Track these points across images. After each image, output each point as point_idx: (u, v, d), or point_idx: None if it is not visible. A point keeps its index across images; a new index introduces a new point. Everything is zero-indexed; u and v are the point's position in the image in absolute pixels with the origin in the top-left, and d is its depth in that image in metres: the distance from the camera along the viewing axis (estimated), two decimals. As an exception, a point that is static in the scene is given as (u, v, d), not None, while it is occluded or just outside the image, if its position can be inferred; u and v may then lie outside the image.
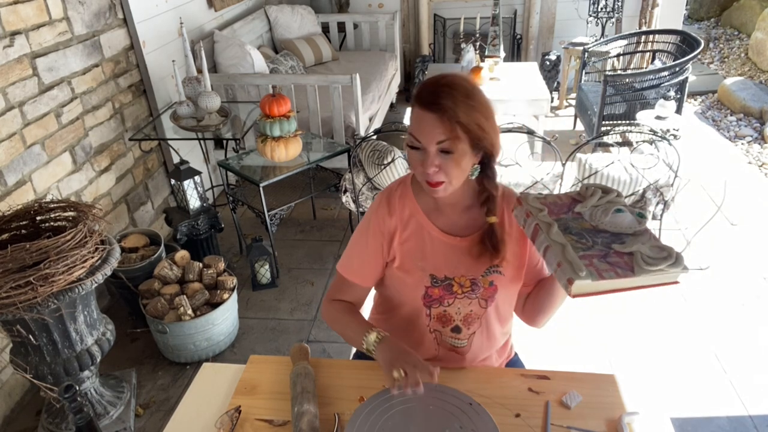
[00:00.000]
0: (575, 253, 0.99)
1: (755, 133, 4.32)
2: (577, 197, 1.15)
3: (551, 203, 1.14)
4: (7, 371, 2.13)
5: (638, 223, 1.05)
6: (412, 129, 1.12)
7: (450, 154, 1.10)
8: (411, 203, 1.25)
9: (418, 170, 1.15)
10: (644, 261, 0.96)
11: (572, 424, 1.09)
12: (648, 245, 0.99)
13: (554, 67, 4.94)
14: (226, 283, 2.43)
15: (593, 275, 0.96)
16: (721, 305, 2.55)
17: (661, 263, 0.95)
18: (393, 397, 1.13)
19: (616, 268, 0.97)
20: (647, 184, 2.57)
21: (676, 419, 1.98)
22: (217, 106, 2.88)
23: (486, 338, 1.28)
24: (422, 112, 1.09)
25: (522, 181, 2.59)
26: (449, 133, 1.07)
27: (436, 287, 1.23)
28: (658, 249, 0.98)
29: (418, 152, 1.12)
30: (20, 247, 1.51)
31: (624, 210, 1.07)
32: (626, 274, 0.96)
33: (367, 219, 1.28)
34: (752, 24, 5.88)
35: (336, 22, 5.10)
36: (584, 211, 1.11)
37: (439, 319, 1.25)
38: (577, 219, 1.10)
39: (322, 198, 3.56)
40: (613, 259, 0.99)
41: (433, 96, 1.08)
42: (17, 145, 2.16)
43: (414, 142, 1.12)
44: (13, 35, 2.12)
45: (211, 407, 1.20)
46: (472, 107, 1.08)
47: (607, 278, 0.96)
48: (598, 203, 1.11)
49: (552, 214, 1.10)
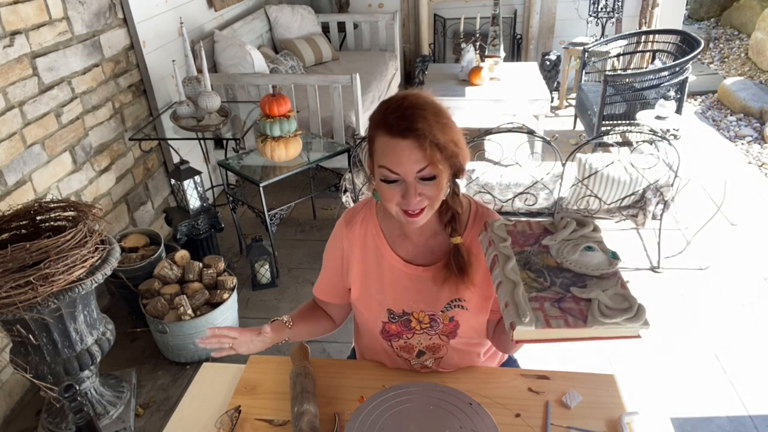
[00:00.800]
0: (526, 294, 0.91)
1: (755, 133, 4.32)
2: (550, 228, 1.06)
3: (519, 232, 1.05)
4: (7, 371, 2.13)
5: (609, 265, 0.96)
6: (385, 160, 1.00)
7: (432, 180, 1.01)
8: (374, 229, 1.19)
9: (396, 201, 1.03)
10: (600, 311, 0.87)
11: (572, 424, 1.09)
12: (611, 292, 0.90)
13: (554, 67, 4.93)
14: (226, 283, 2.43)
15: (539, 322, 0.87)
16: (721, 305, 2.55)
17: (618, 316, 0.86)
18: (393, 397, 1.13)
19: (568, 315, 0.88)
20: (647, 184, 2.57)
21: (676, 419, 1.98)
22: (217, 106, 2.88)
23: (457, 357, 1.25)
24: (394, 141, 0.98)
25: (522, 181, 2.59)
26: (429, 159, 0.97)
27: (394, 323, 1.20)
28: (621, 298, 0.89)
29: (395, 185, 1.02)
30: (20, 247, 1.51)
31: (595, 248, 0.98)
32: (577, 323, 0.87)
33: (331, 242, 1.25)
34: (752, 24, 5.88)
35: (336, 22, 5.10)
36: (552, 244, 1.01)
37: (402, 349, 1.24)
38: (542, 253, 1.00)
39: (322, 198, 3.56)
40: (567, 304, 0.90)
41: (404, 120, 0.97)
42: (17, 145, 2.16)
43: (390, 175, 1.00)
44: (13, 35, 2.12)
45: (211, 407, 1.20)
46: (446, 125, 1.00)
47: (554, 327, 0.87)
48: (570, 237, 1.02)
49: (516, 245, 1.01)
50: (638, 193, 2.61)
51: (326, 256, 1.27)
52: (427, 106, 1.00)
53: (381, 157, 1.02)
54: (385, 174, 1.01)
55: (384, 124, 1.00)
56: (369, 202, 1.23)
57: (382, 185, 1.04)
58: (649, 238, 3.01)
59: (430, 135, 0.96)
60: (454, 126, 1.03)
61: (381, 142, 1.02)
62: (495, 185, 2.60)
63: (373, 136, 1.04)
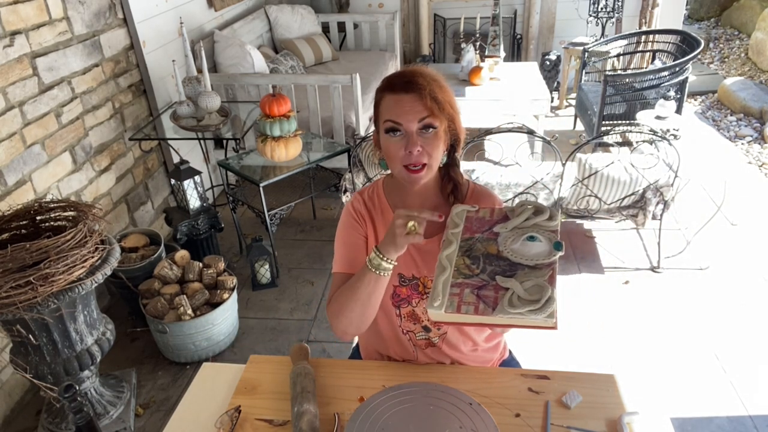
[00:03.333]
0: (449, 280, 0.97)
1: (755, 133, 4.32)
2: (510, 215, 1.09)
3: (478, 219, 1.10)
4: (7, 371, 2.13)
5: (548, 255, 0.99)
6: (390, 114, 1.12)
7: (432, 129, 1.11)
8: (382, 201, 1.28)
9: (398, 155, 1.13)
10: (509, 301, 0.91)
11: (572, 424, 1.09)
12: (529, 284, 0.94)
13: (554, 67, 4.94)
14: (226, 282, 2.43)
15: (451, 307, 0.93)
16: (721, 305, 2.55)
17: (523, 307, 0.90)
18: (393, 397, 1.13)
19: (481, 302, 0.93)
20: (647, 184, 2.57)
21: (676, 419, 1.98)
22: (217, 105, 2.88)
23: (459, 334, 1.28)
24: (398, 96, 1.11)
25: (522, 181, 2.59)
26: (429, 110, 1.09)
27: (404, 286, 1.25)
28: (537, 289, 0.92)
29: (398, 137, 1.12)
30: (20, 247, 1.51)
31: (538, 238, 1.01)
32: (486, 311, 0.91)
33: (344, 216, 1.30)
34: (752, 24, 5.88)
35: (336, 22, 5.10)
36: (503, 232, 1.05)
37: (409, 318, 1.28)
38: (488, 240, 1.04)
39: (322, 198, 3.56)
40: (486, 292, 0.95)
41: (405, 78, 1.12)
42: (17, 145, 2.16)
43: (394, 125, 1.12)
44: (13, 35, 2.12)
45: (211, 407, 1.20)
46: (443, 88, 1.14)
47: (463, 312, 0.92)
48: (523, 225, 1.05)
49: (468, 231, 1.07)
50: (638, 193, 2.61)
51: (342, 230, 1.29)
52: (427, 73, 1.14)
53: (386, 113, 1.13)
54: (390, 125, 1.12)
55: (389, 85, 1.14)
56: (375, 184, 1.31)
57: (386, 140, 1.14)
58: (649, 238, 3.01)
59: (429, 90, 1.10)
60: (451, 92, 1.16)
61: (386, 101, 1.14)
62: (495, 185, 2.60)
63: (379, 101, 1.17)
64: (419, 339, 1.29)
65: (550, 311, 0.90)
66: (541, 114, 3.71)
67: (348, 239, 1.27)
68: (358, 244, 1.27)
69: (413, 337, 1.29)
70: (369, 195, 1.30)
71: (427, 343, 1.29)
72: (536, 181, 2.57)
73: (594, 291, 2.67)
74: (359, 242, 1.27)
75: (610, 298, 2.62)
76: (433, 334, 1.28)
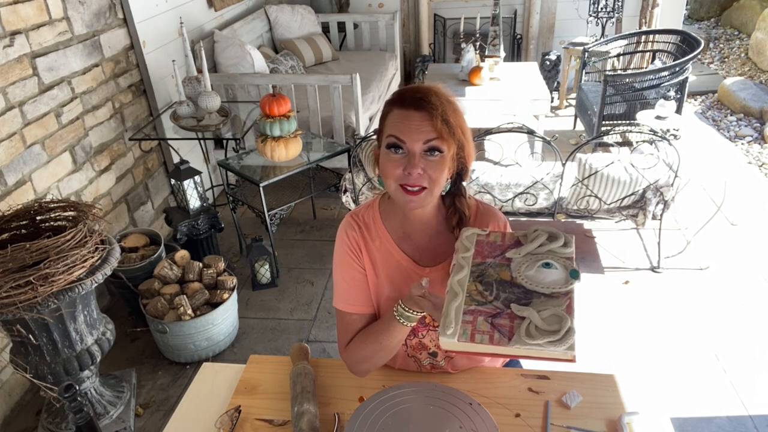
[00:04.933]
0: (461, 307, 0.92)
1: (755, 133, 4.32)
2: (522, 240, 1.04)
3: (489, 243, 1.04)
4: (7, 371, 2.13)
5: (564, 283, 0.94)
6: (395, 129, 1.04)
7: (439, 153, 1.04)
8: (378, 227, 1.20)
9: (396, 175, 1.05)
10: (527, 331, 0.86)
11: (572, 424, 1.09)
12: (547, 313, 0.89)
13: (554, 67, 4.94)
14: (226, 282, 2.43)
15: (464, 335, 0.88)
16: (721, 305, 2.55)
17: (542, 338, 0.85)
18: (393, 397, 1.13)
19: (496, 332, 0.88)
20: (647, 184, 2.57)
21: (676, 419, 1.98)
22: (217, 105, 2.88)
23: (466, 357, 1.26)
24: (408, 112, 1.03)
25: (522, 181, 2.59)
26: (438, 132, 1.02)
27: None
28: (555, 319, 0.88)
29: (399, 155, 1.04)
30: (20, 247, 1.51)
31: (554, 265, 0.97)
32: (502, 341, 0.86)
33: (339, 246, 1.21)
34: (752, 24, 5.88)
35: (336, 22, 5.10)
36: (516, 258, 1.00)
37: (416, 347, 1.25)
38: (501, 266, 0.99)
39: (322, 198, 3.56)
40: (501, 320, 0.90)
41: (418, 94, 1.04)
42: (17, 145, 2.16)
43: (397, 142, 1.04)
44: (13, 35, 2.12)
45: (211, 407, 1.20)
46: (456, 111, 1.07)
47: (478, 342, 0.87)
48: (537, 251, 1.01)
49: (479, 256, 1.01)
50: (638, 193, 2.61)
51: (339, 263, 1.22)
52: (442, 93, 1.07)
53: (391, 128, 1.06)
54: (392, 141, 1.05)
55: (399, 99, 1.06)
56: (371, 205, 1.23)
57: (385, 156, 1.07)
58: (649, 238, 3.01)
59: (441, 111, 1.02)
60: (464, 118, 1.09)
61: (393, 115, 1.06)
62: (495, 185, 2.60)
63: (386, 114, 1.09)
64: (426, 363, 1.27)
65: (570, 343, 0.85)
66: (541, 114, 3.71)
67: (346, 274, 1.20)
68: (357, 279, 1.20)
69: (419, 362, 1.27)
70: (364, 220, 1.21)
71: (432, 366, 1.27)
72: (536, 181, 2.57)
73: (594, 291, 2.67)
74: (358, 277, 1.20)
75: (610, 298, 2.62)
76: (439, 358, 1.25)
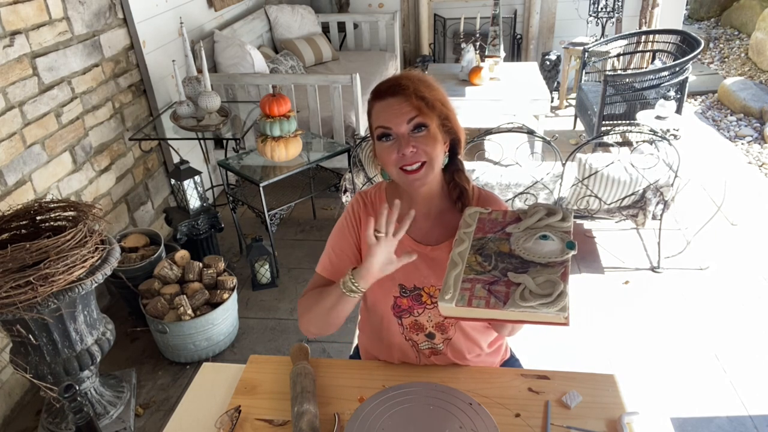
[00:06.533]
0: (461, 276, 0.97)
1: (755, 133, 4.32)
2: (522, 216, 1.10)
3: (491, 220, 1.11)
4: (7, 371, 2.13)
5: (561, 253, 0.99)
6: (379, 120, 1.11)
7: (424, 128, 1.09)
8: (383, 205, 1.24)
9: (393, 160, 1.11)
10: (521, 295, 0.91)
11: (572, 424, 1.09)
12: (541, 279, 0.93)
13: (554, 67, 4.94)
14: (226, 282, 2.43)
15: (462, 301, 0.93)
16: (721, 305, 2.55)
17: (535, 300, 0.89)
18: (393, 397, 1.13)
19: (492, 297, 0.93)
20: (647, 184, 2.57)
21: (676, 419, 1.98)
22: (217, 105, 2.88)
23: (464, 339, 1.27)
24: (385, 101, 1.10)
25: (522, 181, 2.59)
26: (417, 109, 1.08)
27: (405, 297, 1.23)
28: (549, 284, 0.92)
29: (390, 142, 1.11)
30: (20, 247, 1.51)
31: (551, 237, 1.02)
32: (497, 305, 0.91)
33: (342, 220, 1.28)
34: (752, 24, 5.88)
35: (336, 22, 5.10)
36: (516, 232, 1.06)
37: (412, 327, 1.26)
38: (500, 240, 1.05)
39: (322, 198, 3.56)
40: (498, 287, 0.95)
41: (391, 83, 1.11)
42: (17, 145, 2.16)
43: (384, 130, 1.11)
44: (13, 35, 2.12)
45: (211, 407, 1.20)
46: (430, 86, 1.12)
47: (474, 306, 0.92)
48: (535, 225, 1.06)
49: (480, 231, 1.08)
50: (638, 193, 2.61)
51: (336, 232, 1.27)
52: (412, 74, 1.14)
53: (376, 120, 1.12)
54: (381, 131, 1.12)
55: (376, 93, 1.13)
56: (379, 186, 1.28)
57: (380, 148, 1.13)
58: (649, 238, 3.01)
59: (414, 89, 1.09)
60: (440, 90, 1.15)
61: (375, 109, 1.13)
62: (495, 185, 2.60)
63: (370, 111, 1.16)
64: (423, 348, 1.27)
65: (562, 305, 0.89)
66: (541, 114, 3.71)
67: (337, 245, 1.26)
68: (345, 253, 1.25)
69: (417, 346, 1.28)
70: (371, 198, 1.27)
71: (431, 351, 1.27)
72: (536, 181, 2.57)
73: (594, 291, 2.67)
74: (347, 251, 1.25)
75: (610, 298, 2.62)
76: (437, 341, 1.26)
